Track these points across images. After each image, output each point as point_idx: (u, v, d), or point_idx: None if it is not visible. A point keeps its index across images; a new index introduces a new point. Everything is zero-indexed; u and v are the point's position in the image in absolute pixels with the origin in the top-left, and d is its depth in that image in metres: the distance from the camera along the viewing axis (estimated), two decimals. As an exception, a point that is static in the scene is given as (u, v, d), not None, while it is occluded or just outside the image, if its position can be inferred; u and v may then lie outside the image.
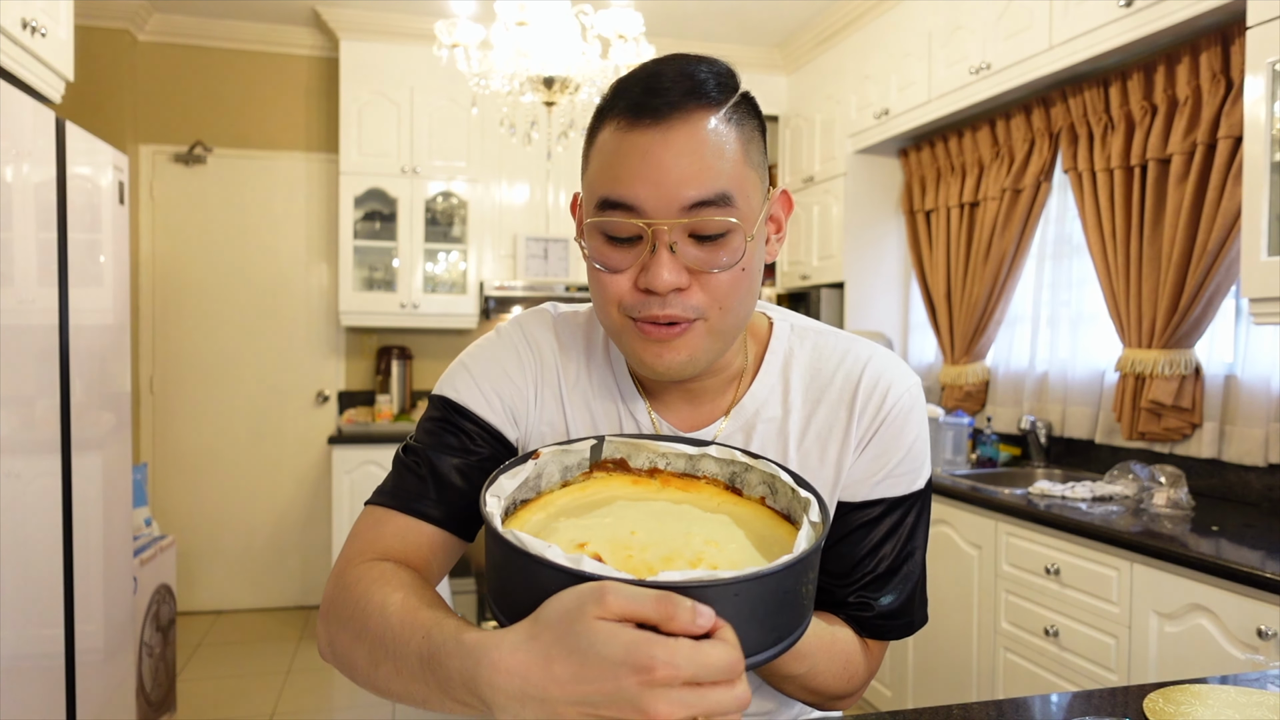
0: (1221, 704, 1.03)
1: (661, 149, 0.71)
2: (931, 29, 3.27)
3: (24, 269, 1.88)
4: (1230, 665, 1.78)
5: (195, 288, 4.28)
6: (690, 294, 0.74)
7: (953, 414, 3.15)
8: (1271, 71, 1.97)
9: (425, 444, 0.87)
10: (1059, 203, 3.14)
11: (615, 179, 0.73)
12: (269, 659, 3.75)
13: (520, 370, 0.89)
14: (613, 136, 0.74)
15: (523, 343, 0.91)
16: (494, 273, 4.32)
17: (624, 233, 0.74)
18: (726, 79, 0.75)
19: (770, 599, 0.61)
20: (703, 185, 0.71)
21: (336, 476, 3.89)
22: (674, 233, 0.72)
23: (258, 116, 4.33)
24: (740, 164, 0.74)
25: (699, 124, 0.72)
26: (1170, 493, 2.35)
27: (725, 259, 0.73)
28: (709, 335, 0.77)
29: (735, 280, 0.75)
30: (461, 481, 0.85)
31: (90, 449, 2.21)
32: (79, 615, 2.11)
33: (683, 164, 0.71)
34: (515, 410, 0.89)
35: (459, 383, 0.89)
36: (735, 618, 0.57)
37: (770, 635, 0.62)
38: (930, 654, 2.77)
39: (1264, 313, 2.01)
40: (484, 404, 0.87)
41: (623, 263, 0.75)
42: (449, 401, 0.88)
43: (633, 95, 0.73)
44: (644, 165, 0.71)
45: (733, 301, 0.76)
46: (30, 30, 2.03)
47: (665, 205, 0.71)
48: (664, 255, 0.72)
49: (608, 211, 0.74)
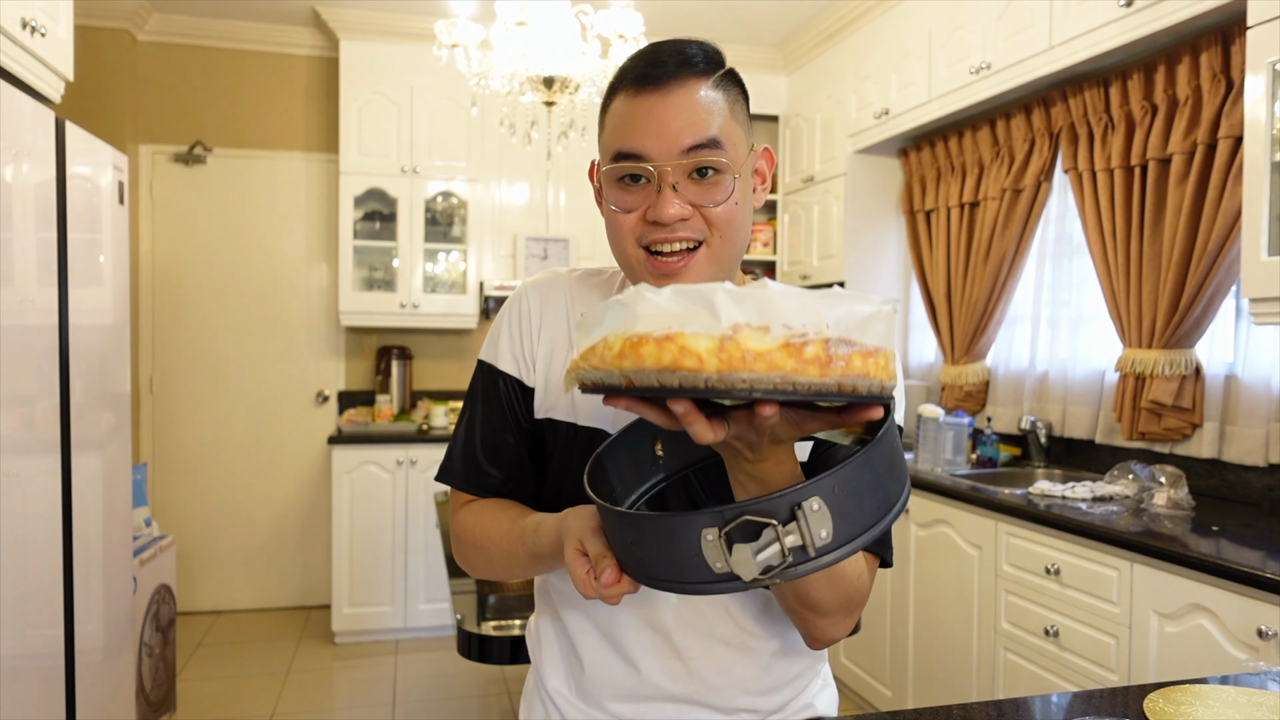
0: (1221, 704, 1.03)
1: (662, 108, 0.87)
2: (931, 29, 3.27)
3: (24, 269, 1.88)
4: (1230, 665, 1.78)
5: (195, 288, 4.28)
6: (692, 222, 0.89)
7: (953, 414, 3.15)
8: (1272, 71, 1.97)
9: (478, 418, 1.03)
10: (1059, 203, 3.14)
11: (626, 135, 0.88)
12: (269, 659, 3.75)
13: (529, 319, 1.03)
14: (623, 103, 0.90)
15: (535, 297, 1.04)
16: (494, 272, 4.32)
17: (632, 171, 0.89)
18: (714, 56, 0.90)
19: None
20: (697, 133, 0.86)
21: (336, 476, 3.89)
22: (675, 174, 0.87)
23: (257, 116, 4.33)
24: (727, 119, 0.89)
25: (692, 89, 0.87)
26: (1170, 493, 2.34)
27: (718, 195, 0.89)
28: (711, 262, 0.90)
29: (729, 213, 0.90)
30: (515, 447, 1.02)
31: (90, 449, 2.20)
32: (79, 615, 2.11)
33: (681, 118, 0.86)
34: (533, 356, 1.02)
35: (490, 345, 1.05)
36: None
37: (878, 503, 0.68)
38: (930, 654, 2.77)
39: (1264, 313, 2.01)
40: (510, 360, 1.02)
41: (634, 203, 0.90)
42: (484, 363, 1.05)
43: (637, 69, 0.89)
44: (648, 122, 0.87)
45: (730, 231, 0.90)
46: (30, 30, 2.02)
47: (667, 151, 0.87)
48: (668, 193, 0.87)
49: (621, 161, 0.89)
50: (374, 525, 3.93)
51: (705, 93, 0.88)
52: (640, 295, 0.62)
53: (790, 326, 0.58)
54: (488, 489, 1.01)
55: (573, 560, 0.78)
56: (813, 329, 0.59)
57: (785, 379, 0.58)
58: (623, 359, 0.61)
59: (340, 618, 3.91)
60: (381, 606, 3.96)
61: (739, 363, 0.58)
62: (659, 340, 0.59)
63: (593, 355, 0.64)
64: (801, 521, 0.63)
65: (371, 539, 3.93)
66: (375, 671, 3.65)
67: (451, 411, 4.30)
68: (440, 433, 4.10)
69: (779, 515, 0.63)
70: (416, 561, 3.97)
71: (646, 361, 0.60)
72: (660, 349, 0.59)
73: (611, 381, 0.63)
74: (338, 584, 3.91)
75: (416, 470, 3.96)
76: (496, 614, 1.91)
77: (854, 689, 3.20)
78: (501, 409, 1.01)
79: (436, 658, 3.80)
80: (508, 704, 3.36)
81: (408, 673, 3.64)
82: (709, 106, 0.87)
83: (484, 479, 1.01)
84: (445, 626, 4.01)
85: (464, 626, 1.83)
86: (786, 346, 0.58)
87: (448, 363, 4.58)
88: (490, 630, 1.82)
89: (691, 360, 0.58)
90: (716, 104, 0.88)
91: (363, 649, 3.89)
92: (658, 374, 0.59)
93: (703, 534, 0.64)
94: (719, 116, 0.88)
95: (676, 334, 0.59)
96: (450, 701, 3.36)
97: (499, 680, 3.56)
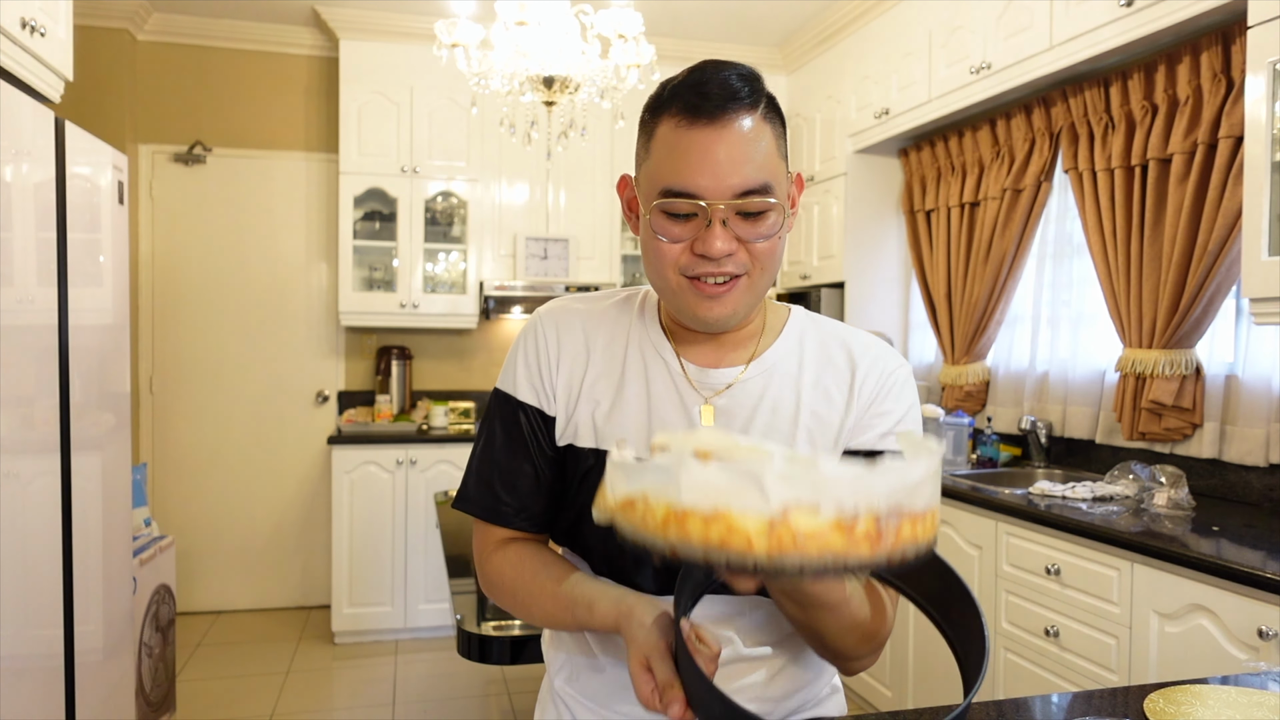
0: (1221, 704, 1.02)
1: (716, 144, 0.87)
2: (931, 29, 3.27)
3: (24, 269, 1.87)
4: (1230, 665, 1.78)
5: (195, 288, 4.28)
6: (737, 255, 0.91)
7: (953, 414, 3.15)
8: (1272, 71, 1.97)
9: (496, 447, 1.03)
10: (1059, 203, 3.14)
11: (677, 170, 0.89)
12: (269, 659, 3.75)
13: (547, 349, 1.04)
14: (673, 133, 0.89)
15: (550, 326, 1.06)
16: (494, 273, 4.32)
17: (684, 210, 0.90)
18: (757, 84, 0.91)
19: None
20: (748, 176, 0.88)
21: (336, 476, 3.88)
22: (725, 211, 0.89)
23: (257, 116, 4.33)
24: (774, 155, 0.91)
25: (742, 123, 0.88)
26: (1171, 493, 2.34)
27: (765, 231, 0.91)
28: (749, 291, 0.94)
29: (771, 247, 0.93)
30: (533, 477, 1.02)
31: (90, 449, 2.20)
32: (78, 615, 2.11)
33: (734, 156, 0.87)
34: (553, 386, 1.03)
35: (508, 376, 1.06)
36: None
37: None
38: (930, 654, 2.77)
39: (1264, 313, 2.01)
40: (529, 390, 1.03)
41: (682, 235, 0.91)
42: (502, 393, 1.05)
43: (687, 98, 0.88)
44: (703, 161, 0.87)
45: (769, 263, 0.94)
46: (30, 30, 2.02)
47: (719, 190, 0.88)
48: (718, 228, 0.89)
49: (672, 198, 0.90)
50: (374, 525, 3.93)
51: (755, 128, 0.89)
52: (684, 465, 0.60)
53: (842, 505, 0.57)
54: (504, 518, 1.02)
55: (637, 675, 0.79)
56: (864, 505, 0.58)
57: (837, 559, 0.57)
58: (667, 529, 0.60)
59: (340, 618, 3.91)
60: (381, 606, 3.96)
61: (789, 545, 0.57)
62: (706, 518, 0.58)
63: (633, 512, 0.64)
64: None
65: (371, 539, 3.93)
66: (375, 671, 3.65)
67: (451, 411, 4.30)
68: (440, 433, 4.11)
69: None
70: (416, 561, 3.97)
71: (693, 538, 0.59)
72: (707, 527, 0.58)
73: (655, 547, 0.62)
74: (338, 584, 3.91)
75: (416, 470, 3.96)
76: (496, 614, 1.91)
77: (854, 689, 3.20)
78: (522, 438, 1.02)
79: (436, 658, 3.80)
80: (508, 704, 3.36)
81: (408, 673, 3.64)
82: (756, 143, 0.88)
83: (500, 506, 1.02)
84: (445, 626, 4.01)
85: (464, 626, 1.83)
86: (838, 527, 0.57)
87: (448, 363, 4.58)
88: (490, 630, 1.82)
89: (740, 541, 0.57)
90: (764, 140, 0.89)
91: (363, 649, 3.89)
92: (704, 551, 0.59)
93: None
94: (766, 154, 0.89)
95: (724, 512, 0.58)
96: (450, 701, 3.36)
97: (499, 680, 3.56)
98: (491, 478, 1.02)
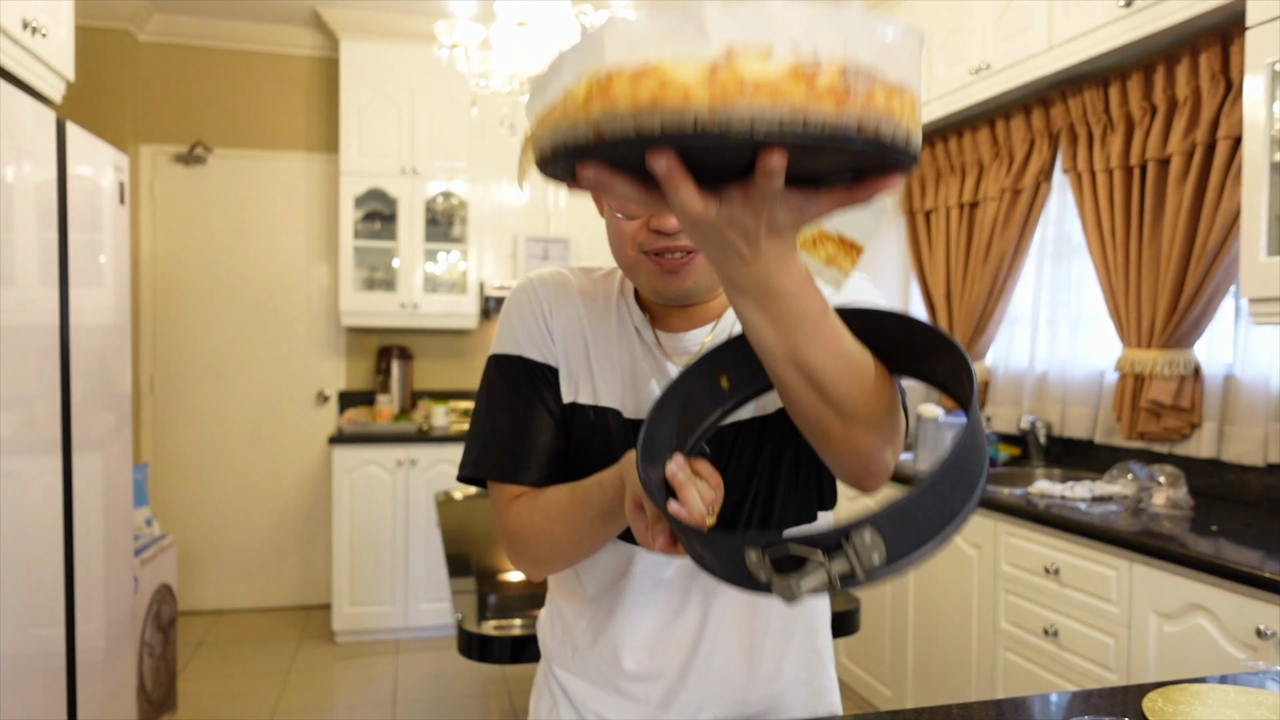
0: (1220, 704, 1.03)
1: None
2: (931, 29, 3.27)
3: (24, 269, 1.88)
4: (1229, 665, 1.79)
5: (195, 288, 4.29)
6: None
7: (952, 414, 3.15)
8: (1271, 72, 1.97)
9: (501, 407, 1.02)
10: (1059, 203, 3.14)
11: None
12: (269, 659, 3.76)
13: (541, 308, 1.04)
14: None
15: (543, 287, 1.05)
16: (494, 273, 4.32)
17: None
18: None
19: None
20: None
21: (337, 476, 3.89)
22: None
23: (258, 117, 4.34)
24: None
25: None
26: (1169, 493, 2.35)
27: None
28: (708, 264, 0.92)
29: None
30: (547, 430, 1.01)
31: (91, 449, 2.21)
32: (79, 615, 2.12)
33: None
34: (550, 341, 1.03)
35: (505, 338, 1.05)
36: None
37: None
38: (930, 654, 2.78)
39: (1263, 313, 2.01)
40: (531, 346, 1.03)
41: (639, 211, 0.92)
42: (502, 356, 1.04)
43: None
44: None
45: None
46: (30, 30, 2.03)
47: None
48: None
49: None
50: (374, 525, 3.93)
51: None
52: (609, 23, 0.49)
53: (799, 48, 0.47)
54: (523, 476, 0.99)
55: (632, 514, 0.80)
56: (826, 50, 0.47)
57: (795, 113, 0.46)
58: (590, 104, 0.49)
59: (341, 617, 3.92)
60: (382, 606, 3.96)
61: (735, 92, 0.46)
62: (634, 74, 0.47)
63: (552, 114, 0.52)
64: (851, 552, 0.57)
65: (372, 539, 3.94)
66: (375, 671, 3.65)
67: (452, 411, 4.30)
68: (440, 433, 4.11)
69: (825, 545, 0.58)
70: (417, 561, 3.98)
71: (619, 103, 0.47)
72: (636, 85, 0.47)
73: (577, 139, 0.50)
74: (338, 584, 3.91)
75: (417, 470, 3.96)
76: (497, 614, 1.91)
77: (854, 689, 3.20)
78: (529, 395, 1.00)
79: (437, 657, 3.81)
80: (508, 704, 3.36)
81: (408, 672, 3.65)
82: None
83: (514, 464, 0.99)
84: (445, 626, 4.02)
85: (464, 626, 1.83)
86: (795, 73, 0.46)
87: (448, 363, 4.58)
88: (491, 630, 1.82)
89: (676, 95, 0.46)
90: None
91: (363, 648, 3.90)
92: (634, 117, 0.47)
93: (746, 552, 0.62)
94: None
95: (655, 64, 0.47)
96: (450, 701, 3.37)
97: (499, 680, 3.56)
98: (501, 438, 1.00)
